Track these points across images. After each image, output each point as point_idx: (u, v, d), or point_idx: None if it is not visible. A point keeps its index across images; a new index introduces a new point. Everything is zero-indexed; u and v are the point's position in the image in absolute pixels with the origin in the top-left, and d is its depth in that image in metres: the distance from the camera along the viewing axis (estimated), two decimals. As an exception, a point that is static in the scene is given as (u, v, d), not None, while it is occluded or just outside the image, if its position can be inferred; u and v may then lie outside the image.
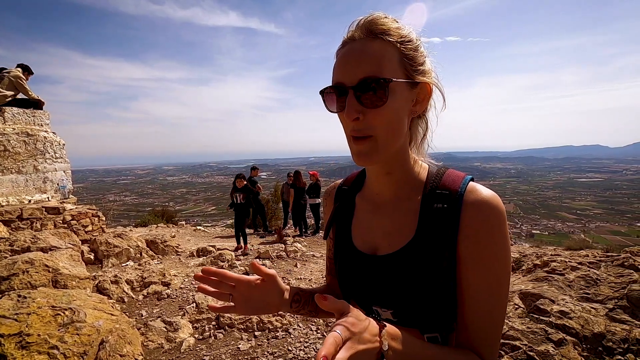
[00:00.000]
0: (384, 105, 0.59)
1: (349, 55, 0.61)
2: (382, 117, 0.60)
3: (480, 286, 0.61)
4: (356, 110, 0.59)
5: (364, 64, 0.59)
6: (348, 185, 0.85)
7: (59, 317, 2.57)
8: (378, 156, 0.63)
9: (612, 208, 54.42)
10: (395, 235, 0.68)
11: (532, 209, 57.19)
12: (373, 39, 0.60)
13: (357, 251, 0.74)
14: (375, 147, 0.62)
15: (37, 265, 3.67)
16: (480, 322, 0.61)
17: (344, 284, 0.77)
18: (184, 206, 61.98)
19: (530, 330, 2.31)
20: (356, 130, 0.61)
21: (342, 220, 0.81)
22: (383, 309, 0.68)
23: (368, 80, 0.58)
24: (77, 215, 5.69)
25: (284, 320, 3.52)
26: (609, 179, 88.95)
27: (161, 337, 3.24)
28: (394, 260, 0.66)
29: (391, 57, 0.60)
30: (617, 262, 2.97)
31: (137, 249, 5.74)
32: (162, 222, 10.63)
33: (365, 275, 0.71)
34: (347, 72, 0.60)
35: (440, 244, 0.62)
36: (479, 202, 0.61)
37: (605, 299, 2.53)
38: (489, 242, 0.60)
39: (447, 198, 0.63)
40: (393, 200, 0.72)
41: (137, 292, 4.34)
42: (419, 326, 0.66)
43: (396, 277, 0.65)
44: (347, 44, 0.63)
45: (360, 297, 0.73)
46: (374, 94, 0.59)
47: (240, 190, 6.92)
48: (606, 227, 42.93)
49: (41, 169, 6.31)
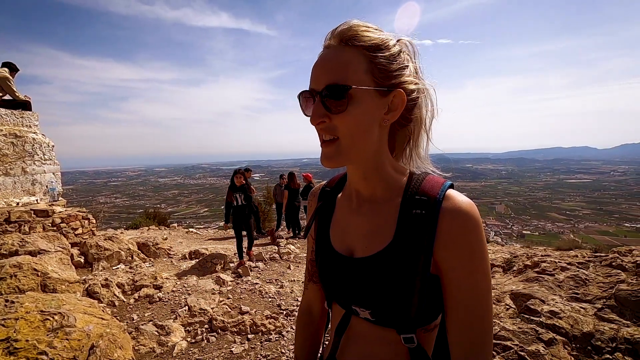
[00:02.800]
0: (346, 111, 0.61)
1: (319, 62, 0.64)
2: (345, 122, 0.63)
3: (464, 292, 0.62)
4: (319, 115, 0.63)
5: (330, 71, 0.62)
6: (331, 186, 0.86)
7: (47, 321, 2.52)
8: (342, 159, 0.65)
9: (601, 209, 55.38)
10: (372, 238, 0.69)
11: (523, 209, 57.90)
12: (344, 46, 0.63)
13: (335, 252, 0.75)
14: (338, 150, 0.64)
15: (26, 269, 3.61)
16: (467, 328, 0.62)
17: (325, 284, 0.80)
18: (176, 208, 61.40)
19: (521, 330, 2.34)
20: (322, 133, 0.65)
21: (322, 220, 0.83)
22: (361, 308, 0.70)
23: (331, 86, 0.61)
24: (67, 218, 5.59)
25: (277, 323, 3.51)
26: (597, 180, 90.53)
27: (153, 341, 3.20)
28: (370, 263, 0.68)
29: (357, 65, 0.62)
30: (605, 262, 3.03)
31: (128, 252, 5.67)
32: (154, 224, 10.52)
33: (343, 275, 0.73)
34: (316, 78, 0.64)
35: (417, 249, 0.63)
36: (456, 210, 0.62)
37: (594, 299, 2.57)
38: (468, 249, 0.61)
39: (426, 204, 0.64)
40: (371, 202, 0.73)
41: (128, 296, 4.29)
42: (396, 326, 0.67)
43: (372, 280, 0.67)
44: (322, 50, 0.66)
45: (340, 297, 0.75)
46: (336, 99, 0.61)
47: (240, 190, 5.80)
48: (595, 227, 43.66)
49: (30, 171, 6.20)
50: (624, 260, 2.94)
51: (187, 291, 4.40)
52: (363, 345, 0.74)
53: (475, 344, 0.62)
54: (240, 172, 5.79)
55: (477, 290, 0.61)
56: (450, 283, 0.63)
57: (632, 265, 2.83)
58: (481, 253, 0.61)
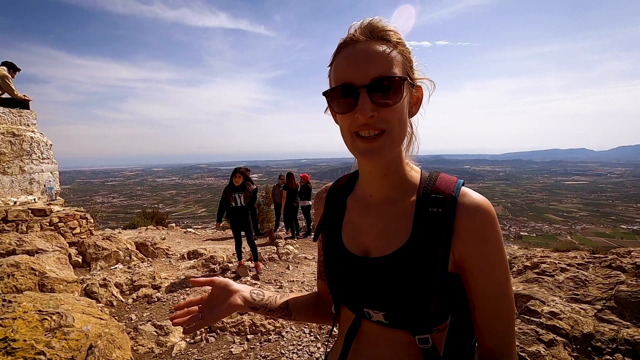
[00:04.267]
0: (397, 104, 0.61)
1: (356, 56, 0.61)
2: (394, 114, 0.62)
3: (488, 286, 0.64)
4: (370, 109, 0.59)
5: (376, 64, 0.60)
6: (338, 188, 0.85)
7: (45, 321, 2.50)
8: (390, 152, 0.64)
9: (597, 210, 55.65)
10: (388, 237, 0.69)
11: (520, 211, 58.12)
12: (376, 40, 0.62)
13: (349, 253, 0.74)
14: (388, 142, 0.62)
15: (23, 269, 3.58)
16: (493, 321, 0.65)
17: (334, 286, 0.77)
18: (173, 208, 61.24)
19: (522, 331, 2.34)
20: (368, 129, 0.61)
21: (332, 223, 0.81)
22: (375, 310, 0.68)
23: (381, 78, 0.59)
24: (65, 218, 5.56)
25: (276, 324, 3.49)
26: (594, 181, 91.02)
27: (151, 342, 3.18)
28: (387, 262, 0.67)
29: (397, 58, 0.62)
30: (605, 264, 3.04)
31: (127, 252, 5.64)
32: (152, 224, 10.48)
33: (356, 277, 0.71)
34: (357, 72, 0.60)
35: (435, 247, 0.62)
36: (474, 207, 0.63)
37: (593, 300, 2.58)
38: (489, 244, 0.62)
39: (442, 202, 0.64)
40: (385, 202, 0.72)
41: (126, 296, 4.27)
42: (410, 328, 0.66)
43: (390, 280, 0.66)
44: (348, 45, 0.63)
45: (351, 299, 0.73)
46: (387, 92, 0.60)
47: (240, 189, 5.21)
48: (591, 228, 43.88)
49: (27, 170, 6.17)
50: (623, 261, 2.95)
51: (185, 291, 4.39)
52: (375, 348, 0.72)
53: (504, 334, 0.65)
54: (240, 171, 5.18)
55: (500, 283, 0.64)
56: (474, 278, 0.64)
57: (631, 266, 2.84)
58: (499, 245, 0.63)
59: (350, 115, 0.62)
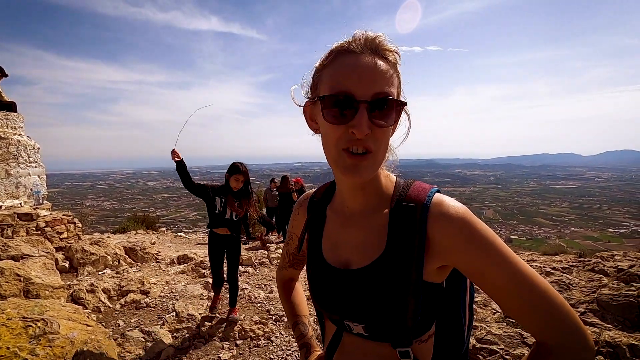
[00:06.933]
0: (390, 126, 0.60)
1: (361, 68, 0.58)
2: (385, 136, 0.61)
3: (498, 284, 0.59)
4: (368, 126, 0.57)
5: (379, 82, 0.58)
6: (319, 197, 0.84)
7: (30, 328, 2.46)
8: (372, 173, 0.62)
9: (585, 214, 56.65)
10: (365, 249, 0.68)
11: (511, 214, 58.86)
12: (379, 57, 0.60)
13: (328, 265, 0.73)
14: (373, 163, 0.61)
15: (8, 275, 3.52)
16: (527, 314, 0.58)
17: (316, 297, 0.77)
18: (165, 212, 60.61)
19: (507, 334, 2.38)
20: (358, 146, 0.59)
21: (313, 233, 0.81)
22: (355, 323, 0.68)
23: (383, 97, 0.58)
24: (52, 222, 5.47)
25: (265, 329, 3.48)
26: (582, 186, 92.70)
27: (139, 348, 3.15)
28: (364, 274, 0.66)
29: (396, 79, 0.62)
30: (588, 267, 3.10)
31: (115, 257, 5.57)
32: (142, 228, 10.36)
33: (336, 289, 0.71)
34: (359, 85, 0.57)
35: (408, 258, 0.61)
36: (448, 214, 0.61)
37: (577, 303, 2.63)
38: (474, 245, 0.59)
39: (413, 211, 0.63)
40: (363, 213, 0.71)
41: (114, 302, 4.21)
42: (391, 340, 0.66)
43: (367, 292, 0.65)
44: (349, 53, 0.60)
45: (332, 311, 0.73)
46: (384, 113, 0.59)
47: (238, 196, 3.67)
48: (580, 232, 44.65)
49: (14, 174, 6.06)
50: (606, 265, 3.02)
51: (174, 296, 4.34)
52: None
53: (548, 318, 0.57)
54: (243, 171, 3.64)
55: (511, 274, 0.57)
56: (481, 281, 0.60)
57: (613, 270, 2.91)
58: (487, 241, 0.59)
59: (342, 127, 0.59)
